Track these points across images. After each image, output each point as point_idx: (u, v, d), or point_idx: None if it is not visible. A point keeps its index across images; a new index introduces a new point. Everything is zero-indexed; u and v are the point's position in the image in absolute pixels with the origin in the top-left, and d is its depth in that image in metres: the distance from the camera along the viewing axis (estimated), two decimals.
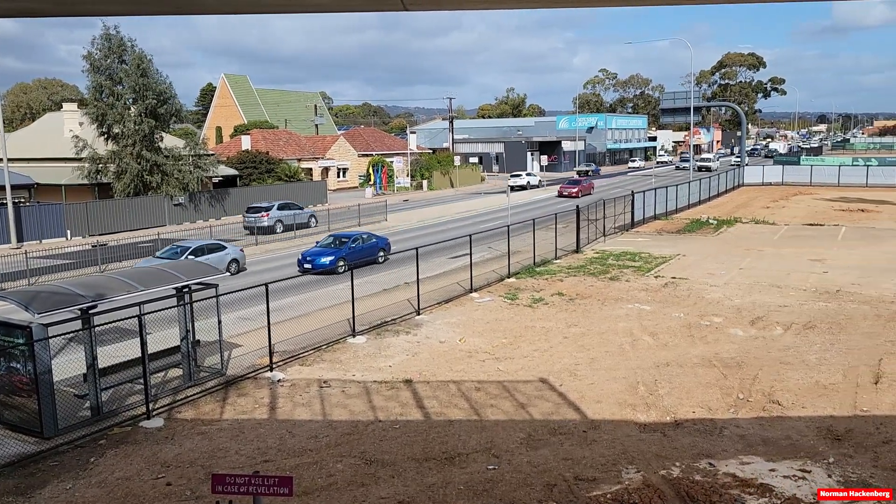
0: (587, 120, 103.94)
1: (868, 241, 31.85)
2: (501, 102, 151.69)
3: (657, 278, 24.61)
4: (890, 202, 48.01)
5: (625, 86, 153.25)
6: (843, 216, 41.55)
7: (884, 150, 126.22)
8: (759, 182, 63.46)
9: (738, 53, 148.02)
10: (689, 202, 46.60)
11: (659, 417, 12.98)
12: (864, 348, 16.52)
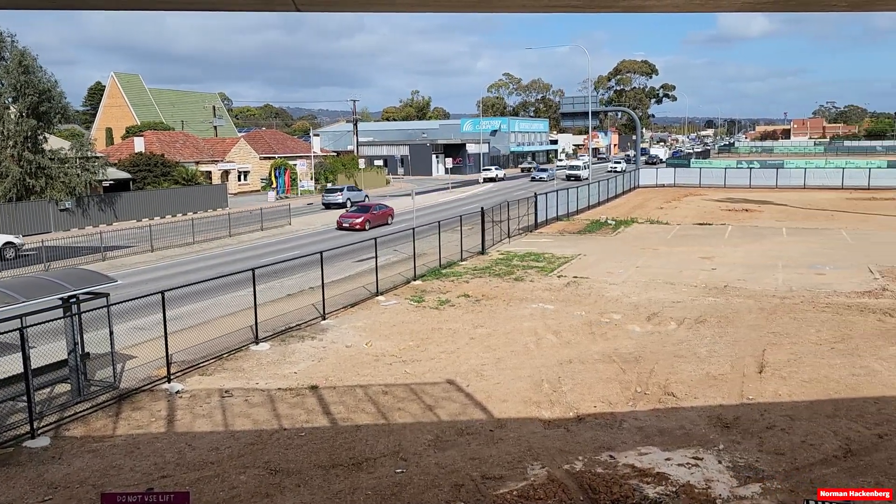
0: (491, 123, 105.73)
1: (752, 240, 33.86)
2: (406, 105, 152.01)
3: (560, 278, 25.27)
4: (771, 202, 51.25)
5: (527, 90, 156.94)
6: (729, 216, 44.02)
7: (765, 154, 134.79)
8: (653, 184, 66.37)
9: (632, 60, 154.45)
10: (590, 203, 48.17)
11: (562, 413, 13.31)
12: (750, 340, 17.53)
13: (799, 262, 27.48)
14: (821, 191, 59.66)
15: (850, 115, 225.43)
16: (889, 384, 14.41)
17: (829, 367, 15.46)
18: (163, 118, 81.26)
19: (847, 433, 12.13)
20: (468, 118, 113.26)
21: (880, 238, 33.53)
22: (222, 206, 52.51)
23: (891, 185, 60.17)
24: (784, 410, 13.21)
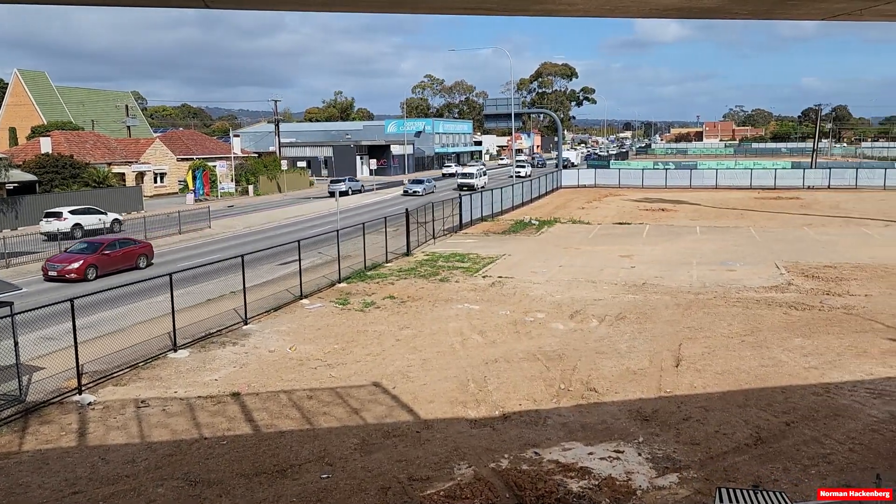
0: (415, 124, 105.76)
1: (668, 238, 35.08)
2: (329, 106, 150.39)
3: (485, 278, 25.50)
4: (686, 202, 53.22)
5: (450, 91, 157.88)
6: (647, 215, 45.47)
7: (679, 155, 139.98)
8: (575, 184, 67.88)
9: (553, 63, 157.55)
10: (514, 204, 48.83)
11: (488, 412, 13.42)
12: (667, 335, 18.14)
13: (712, 260, 28.63)
14: (731, 190, 62.36)
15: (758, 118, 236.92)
16: (794, 374, 15.17)
17: (740, 359, 16.16)
18: (71, 118, 77.53)
19: (757, 422, 12.70)
20: (392, 119, 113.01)
21: (785, 235, 35.32)
22: (137, 208, 50.62)
23: (795, 185, 63.51)
24: (699, 402, 13.73)
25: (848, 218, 42.02)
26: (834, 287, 23.16)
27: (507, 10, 4.29)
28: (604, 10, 4.37)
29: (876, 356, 16.22)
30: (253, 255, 22.99)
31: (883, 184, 61.80)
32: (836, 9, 4.54)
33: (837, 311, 20.21)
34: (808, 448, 11.64)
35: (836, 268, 26.37)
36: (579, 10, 4.42)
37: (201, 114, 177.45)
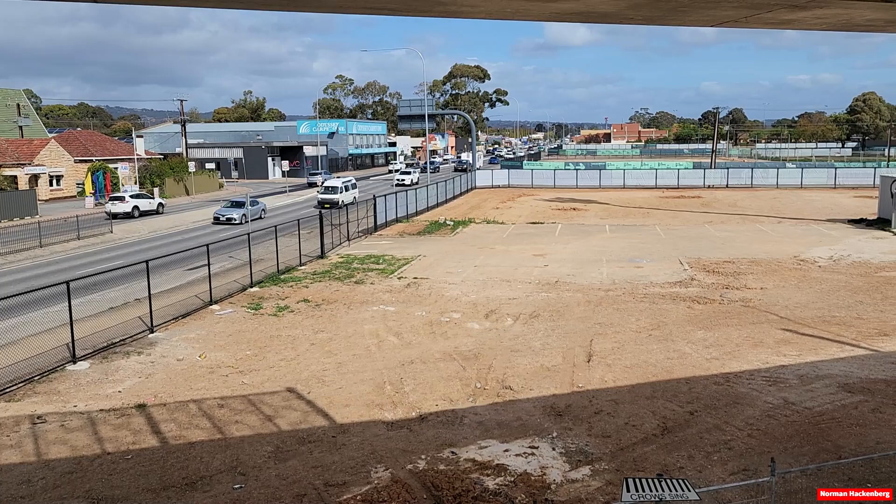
0: (328, 125, 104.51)
1: (579, 237, 36.02)
2: (239, 106, 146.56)
3: (400, 279, 25.46)
4: (596, 201, 54.81)
5: (364, 92, 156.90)
6: (559, 215, 46.55)
7: (589, 156, 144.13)
8: (489, 185, 68.75)
9: (466, 65, 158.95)
10: (429, 205, 49.00)
11: (405, 414, 13.39)
12: (579, 331, 18.61)
13: (620, 257, 29.59)
14: (638, 190, 64.68)
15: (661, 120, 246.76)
16: (698, 365, 15.86)
17: (647, 352, 16.76)
18: None
19: (664, 412, 13.20)
20: (305, 120, 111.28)
21: (688, 233, 36.92)
22: (31, 213, 47.83)
23: (696, 185, 66.49)
24: (610, 395, 14.15)
25: (744, 215, 44.32)
26: (732, 281, 24.36)
27: (410, 10, 4.29)
28: (505, 12, 4.45)
29: (771, 346, 17.16)
30: (159, 260, 22.13)
31: (776, 183, 65.54)
32: (723, 16, 4.78)
33: (736, 304, 21.26)
34: (710, 435, 12.19)
35: (734, 263, 27.75)
36: (481, 13, 4.48)
37: (101, 113, 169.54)
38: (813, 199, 53.81)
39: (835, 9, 4.49)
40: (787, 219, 42.11)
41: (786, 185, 64.82)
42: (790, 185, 64.78)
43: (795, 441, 11.95)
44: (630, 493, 6.54)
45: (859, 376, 14.95)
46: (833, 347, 16.97)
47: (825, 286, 23.47)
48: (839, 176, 65.90)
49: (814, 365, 15.74)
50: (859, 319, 19.36)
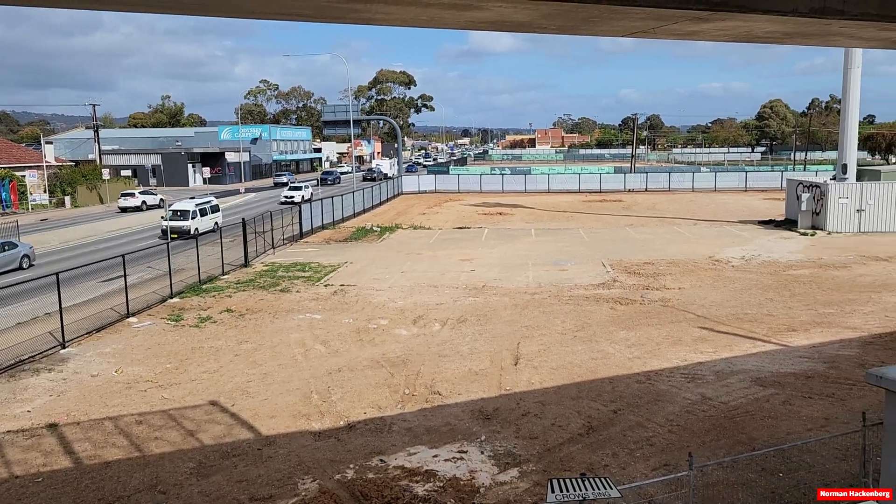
0: (251, 131, 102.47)
1: (505, 241, 36.47)
2: (156, 111, 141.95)
3: (327, 287, 25.16)
4: (521, 206, 55.62)
5: (287, 97, 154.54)
6: (485, 219, 47.01)
7: (515, 161, 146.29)
8: (416, 190, 68.83)
9: (391, 71, 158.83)
10: (355, 211, 48.65)
11: (333, 423, 13.22)
12: (506, 335, 18.82)
13: (546, 260, 30.11)
14: (562, 194, 66.00)
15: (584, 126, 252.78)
16: (620, 365, 16.28)
17: (572, 353, 17.10)
18: None
19: (589, 412, 13.49)
20: (226, 125, 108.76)
21: (610, 235, 37.92)
22: None
23: (618, 189, 68.38)
24: (537, 397, 14.35)
25: (663, 218, 45.85)
26: (652, 282, 25.15)
27: (324, 17, 4.25)
28: (420, 20, 4.47)
29: (689, 343, 17.79)
30: (71, 272, 21.15)
31: (692, 186, 68.10)
32: (632, 27, 4.94)
33: (656, 304, 21.95)
34: (633, 433, 12.52)
35: (653, 264, 28.66)
36: (396, 20, 4.48)
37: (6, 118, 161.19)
38: (726, 202, 56.14)
39: (735, 21, 4.71)
40: (702, 220, 43.79)
41: (701, 189, 67.42)
42: (705, 189, 67.41)
43: (713, 435, 12.40)
44: (555, 494, 6.64)
45: (770, 370, 15.66)
46: (746, 344, 17.72)
47: (738, 285, 24.50)
48: (750, 179, 69.03)
49: (729, 361, 16.39)
50: (769, 316, 20.29)
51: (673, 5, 4.28)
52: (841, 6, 4.65)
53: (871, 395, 13.31)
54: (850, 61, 37.27)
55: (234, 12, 4.59)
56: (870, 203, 36.68)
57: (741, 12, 4.47)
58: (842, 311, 20.65)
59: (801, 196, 38.45)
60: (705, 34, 5.19)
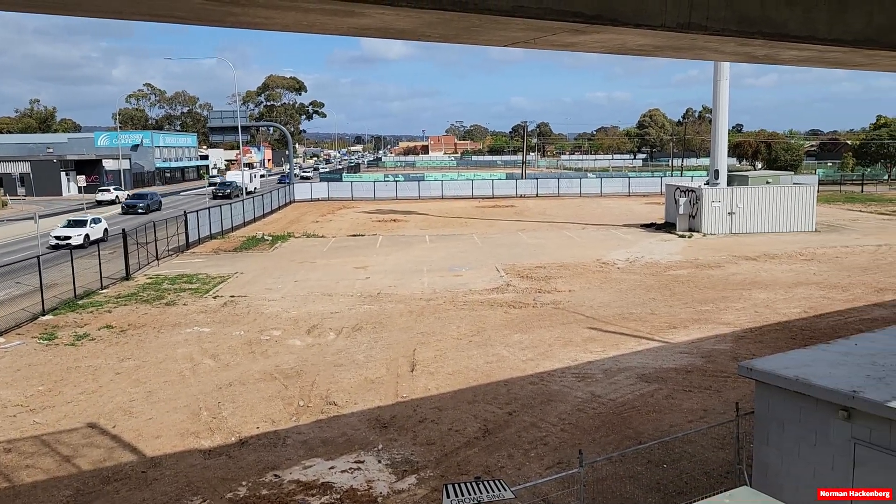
0: (132, 137, 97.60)
1: (400, 248, 36.48)
2: (24, 115, 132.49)
3: (216, 298, 24.28)
4: (416, 212, 55.84)
5: (171, 102, 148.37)
6: (380, 226, 46.86)
7: (408, 168, 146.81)
8: (308, 198, 67.68)
9: (281, 77, 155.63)
10: (245, 220, 47.26)
11: (224, 440, 12.75)
12: (402, 342, 18.80)
13: (441, 266, 30.35)
14: (456, 200, 66.78)
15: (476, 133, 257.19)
16: (515, 367, 16.62)
17: (468, 358, 17.29)
18: None
19: (485, 415, 13.67)
20: (104, 131, 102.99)
21: (503, 240, 38.70)
22: None
23: (510, 194, 69.94)
24: (433, 403, 14.41)
25: (553, 222, 47.29)
26: (544, 285, 25.86)
27: (199, 19, 4.10)
28: (302, 25, 4.39)
29: (579, 344, 18.39)
30: None
31: (579, 192, 70.65)
32: (513, 37, 5.06)
33: (548, 306, 22.57)
34: (528, 433, 12.80)
35: (545, 268, 29.48)
36: (277, 25, 4.39)
37: None
38: (611, 207, 58.60)
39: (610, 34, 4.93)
40: (590, 225, 45.49)
41: (588, 194, 70.06)
42: (592, 194, 70.10)
43: (602, 431, 12.87)
44: (450, 499, 6.67)
45: (654, 367, 16.43)
46: (632, 342, 18.52)
47: (624, 286, 25.60)
48: (632, 185, 72.36)
49: (616, 359, 17.07)
50: (653, 315, 21.31)
51: (551, 17, 4.43)
52: (704, 22, 4.97)
53: (744, 386, 14.20)
54: (719, 74, 39.86)
55: (97, 12, 4.33)
56: (739, 206, 39.32)
57: (614, 26, 4.68)
58: (717, 308, 21.97)
59: (679, 200, 40.69)
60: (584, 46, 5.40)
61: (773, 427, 8.88)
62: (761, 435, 9.09)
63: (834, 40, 5.86)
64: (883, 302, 22.38)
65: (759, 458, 9.16)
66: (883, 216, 47.23)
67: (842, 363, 8.93)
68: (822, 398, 8.19)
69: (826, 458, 8.25)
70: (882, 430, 7.67)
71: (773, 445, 8.88)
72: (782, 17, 5.52)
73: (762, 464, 9.09)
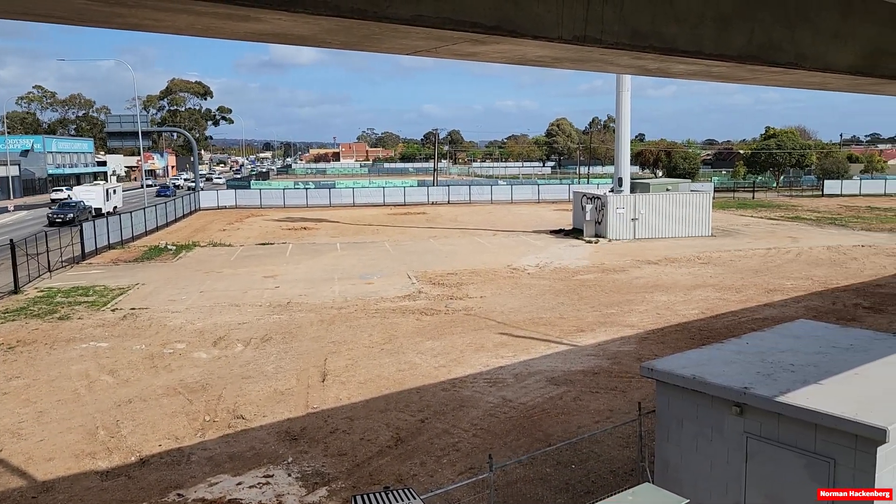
0: (21, 142, 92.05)
1: (310, 256, 35.93)
2: None
3: (115, 311, 23.17)
4: (327, 220, 55.17)
5: (65, 106, 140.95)
6: (289, 234, 46.01)
7: (319, 175, 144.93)
8: (214, 206, 65.71)
9: (185, 81, 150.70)
10: (147, 229, 45.38)
11: (123, 460, 12.16)
12: (313, 351, 18.49)
13: (352, 274, 30.08)
14: (367, 208, 66.42)
15: (387, 140, 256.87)
16: (427, 374, 16.64)
17: (380, 366, 17.19)
18: None
19: (397, 423, 13.61)
20: None
21: (415, 247, 38.77)
22: None
23: (421, 201, 70.16)
24: (345, 413, 14.23)
25: (465, 229, 47.75)
26: (456, 292, 26.05)
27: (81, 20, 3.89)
28: (195, 28, 4.26)
29: (490, 349, 18.62)
30: None
31: (490, 198, 71.65)
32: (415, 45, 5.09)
33: (459, 313, 22.75)
34: (440, 440, 12.83)
35: (457, 274, 29.71)
36: (168, 28, 4.24)
37: None
38: (522, 213, 59.74)
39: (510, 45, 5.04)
40: (501, 231, 46.20)
41: (499, 201, 71.15)
42: (502, 201, 71.24)
43: (513, 435, 13.05)
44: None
45: (563, 370, 16.83)
46: (542, 346, 18.90)
47: (534, 291, 26.12)
48: (542, 192, 74.01)
49: (527, 363, 17.37)
50: (561, 319, 21.83)
51: (450, 27, 4.47)
52: (599, 35, 5.15)
53: (647, 386, 14.74)
54: (621, 85, 41.40)
55: None
56: (642, 212, 40.91)
57: (513, 37, 4.78)
58: (622, 311, 22.74)
59: (586, 207, 41.94)
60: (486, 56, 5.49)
61: (673, 424, 9.25)
62: (662, 432, 9.45)
63: (719, 56, 6.21)
64: (772, 302, 23.77)
65: (660, 455, 9.51)
66: (772, 221, 50.24)
67: (734, 361, 9.41)
68: (716, 395, 8.59)
69: (721, 452, 8.66)
70: (771, 423, 8.12)
71: (674, 442, 9.25)
72: (672, 32, 5.80)
73: (663, 460, 9.45)
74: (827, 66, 7.23)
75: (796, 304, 23.33)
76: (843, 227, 45.55)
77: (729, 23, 6.23)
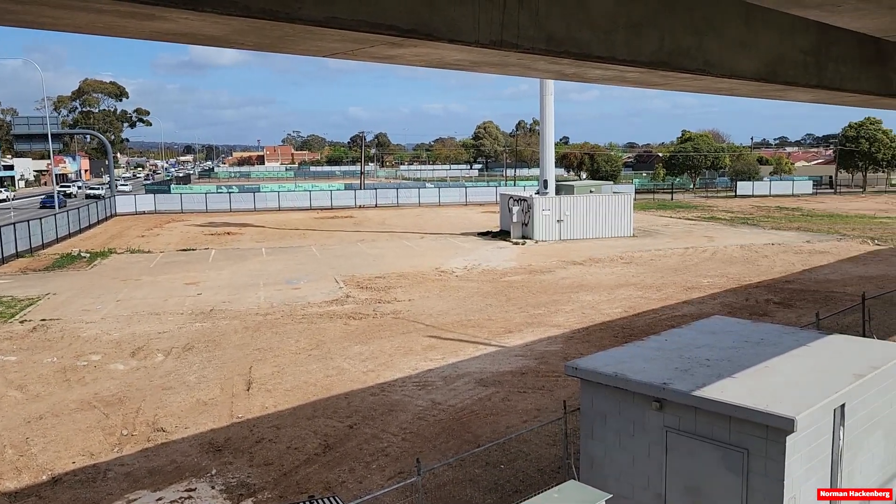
0: None
1: (235, 261, 35.09)
2: None
3: (23, 323, 22.03)
4: (251, 224, 54.01)
5: None
6: (212, 240, 44.81)
7: (243, 179, 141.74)
8: (132, 211, 63.39)
9: (98, 81, 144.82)
10: (58, 236, 43.33)
11: (33, 479, 11.56)
12: (237, 359, 18.05)
13: (278, 279, 29.53)
14: (293, 212, 65.38)
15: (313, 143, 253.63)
16: (355, 379, 16.49)
17: (307, 373, 16.93)
18: None
19: (325, 430, 13.43)
20: None
21: (342, 251, 38.39)
22: None
23: (349, 205, 69.59)
24: (271, 421, 13.94)
25: (393, 232, 47.63)
26: (384, 295, 25.93)
27: None
28: (97, 27, 4.07)
29: (419, 352, 18.60)
30: None
31: (418, 201, 71.72)
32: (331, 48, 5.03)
33: (388, 316, 22.65)
34: (369, 445, 12.72)
35: (385, 278, 29.58)
36: (69, 26, 4.04)
37: None
38: (449, 216, 60.03)
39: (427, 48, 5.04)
40: (428, 234, 46.29)
41: (427, 203, 71.29)
42: (430, 203, 71.40)
43: (443, 438, 13.07)
44: None
45: (492, 371, 16.97)
46: (470, 348, 19.01)
47: (462, 293, 26.26)
48: (469, 194, 74.57)
49: (455, 366, 17.44)
50: (490, 320, 22.03)
51: (366, 30, 4.44)
52: (515, 40, 5.22)
53: (573, 384, 15.02)
54: (545, 89, 42.18)
55: None
56: (567, 214, 41.75)
57: (430, 40, 4.79)
58: (548, 311, 23.13)
59: (512, 209, 42.50)
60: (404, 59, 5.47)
61: (596, 421, 9.45)
62: (587, 429, 9.64)
63: (632, 61, 6.40)
64: (690, 299, 24.66)
65: (585, 452, 9.70)
66: (689, 221, 52.15)
67: (654, 358, 9.69)
68: (637, 391, 8.83)
69: (643, 446, 8.90)
70: (688, 417, 8.40)
71: (598, 439, 9.45)
72: (586, 38, 5.94)
73: (588, 457, 9.64)
74: (733, 72, 7.55)
75: (713, 300, 24.28)
76: (755, 227, 47.73)
77: (640, 30, 6.43)
